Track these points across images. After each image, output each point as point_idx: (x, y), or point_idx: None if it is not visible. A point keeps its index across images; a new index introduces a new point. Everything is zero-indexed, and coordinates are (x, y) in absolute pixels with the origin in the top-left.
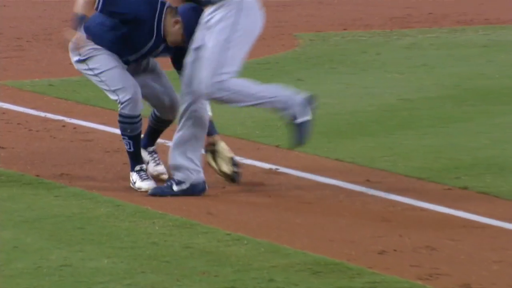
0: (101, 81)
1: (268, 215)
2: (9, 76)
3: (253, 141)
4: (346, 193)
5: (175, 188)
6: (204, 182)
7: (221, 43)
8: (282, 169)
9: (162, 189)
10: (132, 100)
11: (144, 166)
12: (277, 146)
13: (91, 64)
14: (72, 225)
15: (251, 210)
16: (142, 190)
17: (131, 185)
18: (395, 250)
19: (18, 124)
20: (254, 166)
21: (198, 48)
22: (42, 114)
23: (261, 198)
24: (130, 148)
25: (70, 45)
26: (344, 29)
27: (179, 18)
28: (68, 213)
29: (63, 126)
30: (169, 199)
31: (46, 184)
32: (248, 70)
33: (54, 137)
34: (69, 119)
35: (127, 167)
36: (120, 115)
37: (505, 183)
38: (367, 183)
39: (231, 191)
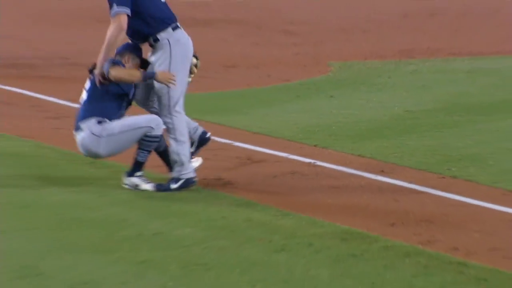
0: (132, 133)
1: (308, 197)
2: None
3: (297, 142)
4: (366, 181)
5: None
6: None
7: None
8: (319, 163)
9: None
10: (160, 122)
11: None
12: (315, 146)
13: (110, 133)
14: (163, 204)
15: (296, 192)
16: (149, 190)
17: (128, 186)
18: (402, 223)
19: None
20: (298, 161)
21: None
22: None
23: (303, 184)
24: (143, 159)
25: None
26: (365, 59)
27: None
28: (160, 195)
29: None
30: (230, 185)
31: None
32: (293, 90)
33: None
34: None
35: (204, 161)
36: (149, 137)
37: (484, 173)
38: (382, 173)
39: (281, 178)
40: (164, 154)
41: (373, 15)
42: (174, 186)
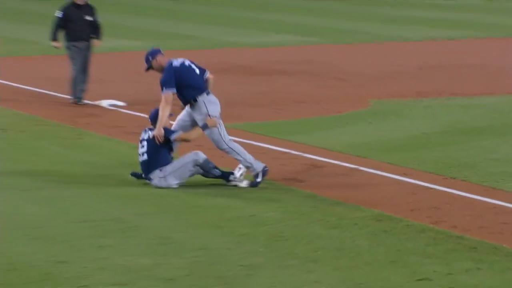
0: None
1: (353, 191)
2: (227, 121)
3: (346, 153)
4: (393, 180)
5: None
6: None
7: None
8: (361, 168)
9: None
10: (198, 152)
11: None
12: (358, 156)
13: (171, 174)
14: (255, 195)
15: (346, 188)
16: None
17: (236, 184)
18: (418, 209)
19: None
20: (347, 166)
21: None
22: (241, 139)
23: (350, 182)
24: (218, 173)
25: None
26: (393, 97)
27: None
28: (253, 189)
29: (250, 146)
30: (301, 183)
31: None
32: (344, 118)
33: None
34: (254, 142)
35: (283, 166)
36: (201, 162)
37: (474, 175)
38: (404, 175)
39: (335, 178)
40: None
41: (398, 67)
42: (258, 179)
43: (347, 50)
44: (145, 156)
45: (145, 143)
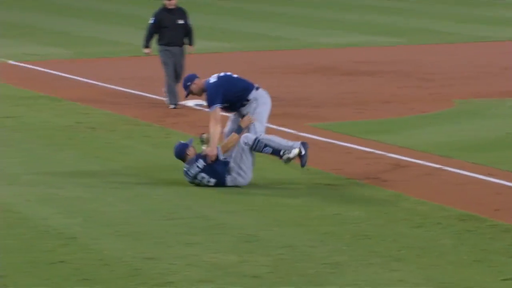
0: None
1: (437, 190)
2: (311, 121)
3: (430, 153)
4: (477, 180)
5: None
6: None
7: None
8: (445, 168)
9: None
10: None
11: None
12: (442, 156)
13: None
14: (338, 193)
15: (429, 187)
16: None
17: (288, 158)
18: (503, 209)
19: (314, 144)
20: (431, 166)
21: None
22: (326, 139)
23: (434, 182)
24: (269, 151)
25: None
26: (478, 97)
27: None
28: (337, 188)
29: (336, 145)
30: (385, 182)
31: (326, 174)
32: (429, 118)
33: (331, 151)
34: (338, 142)
35: (367, 166)
36: (252, 144)
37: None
38: (489, 175)
39: (420, 178)
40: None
41: (483, 68)
42: (300, 151)
43: (432, 50)
44: (213, 181)
45: (203, 174)
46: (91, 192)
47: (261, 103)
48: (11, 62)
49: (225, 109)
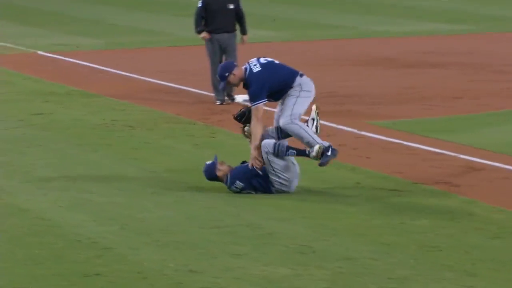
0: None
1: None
2: (371, 118)
3: (508, 155)
4: None
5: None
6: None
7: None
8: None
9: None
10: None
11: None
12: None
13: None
14: (406, 201)
15: (507, 194)
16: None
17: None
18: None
19: (376, 144)
20: (509, 169)
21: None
22: (389, 139)
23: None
24: (294, 154)
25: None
26: None
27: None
28: (402, 194)
29: (401, 146)
30: (456, 187)
31: (391, 178)
32: (506, 115)
33: (396, 152)
34: (404, 142)
35: (436, 169)
36: (273, 151)
37: None
38: None
39: (496, 182)
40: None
41: None
42: (328, 153)
43: (507, 40)
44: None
45: (247, 190)
46: (127, 197)
47: (305, 89)
48: (40, 52)
49: (269, 98)
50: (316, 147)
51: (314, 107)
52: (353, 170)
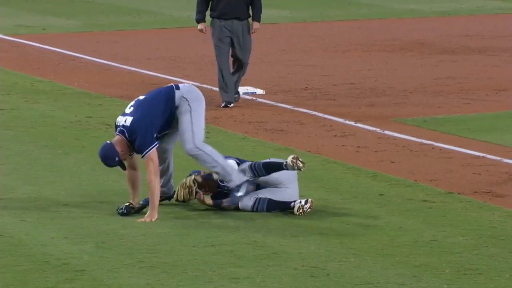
0: None
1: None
2: (398, 115)
3: None
4: None
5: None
6: None
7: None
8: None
9: None
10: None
11: None
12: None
13: None
14: (439, 214)
15: None
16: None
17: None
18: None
19: (403, 146)
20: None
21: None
22: (419, 140)
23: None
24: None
25: None
26: None
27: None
28: (435, 206)
29: (433, 148)
30: (500, 198)
31: (421, 186)
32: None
33: (427, 155)
34: (436, 143)
35: (476, 176)
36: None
37: None
38: None
39: None
40: None
41: None
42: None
43: None
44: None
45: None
46: (105, 209)
47: (191, 99)
48: (1, 36)
49: (161, 136)
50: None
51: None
52: (375, 177)
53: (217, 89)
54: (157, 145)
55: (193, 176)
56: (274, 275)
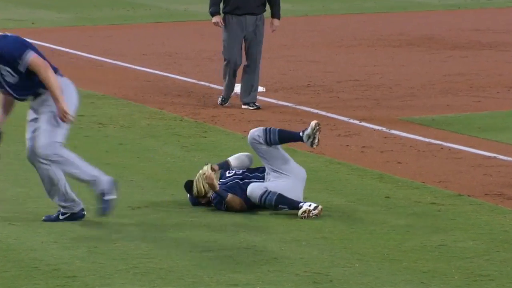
0: None
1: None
2: (405, 114)
3: None
4: None
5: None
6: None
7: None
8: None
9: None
10: None
11: None
12: None
13: None
14: (448, 217)
15: None
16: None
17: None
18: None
19: (410, 146)
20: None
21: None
22: (427, 140)
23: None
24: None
25: None
26: None
27: None
28: (443, 209)
29: (441, 148)
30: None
31: (429, 188)
32: None
33: (435, 156)
34: (446, 143)
35: (486, 177)
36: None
37: None
38: None
39: None
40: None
41: None
42: (108, 197)
43: None
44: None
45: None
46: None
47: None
48: None
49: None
50: (110, 188)
51: (313, 123)
52: (381, 178)
53: (214, 86)
54: (33, 51)
55: (209, 164)
56: (275, 282)
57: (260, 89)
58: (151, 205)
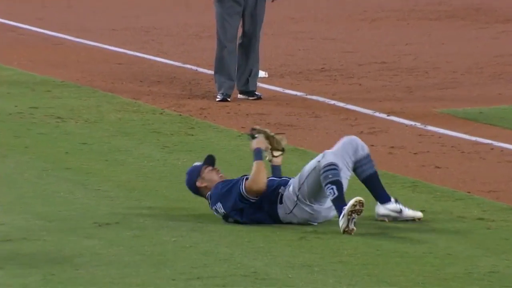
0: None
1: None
2: (445, 105)
3: None
4: None
5: None
6: None
7: None
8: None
9: None
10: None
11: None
12: None
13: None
14: (499, 236)
15: None
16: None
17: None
18: None
19: (452, 147)
20: None
21: None
22: (473, 138)
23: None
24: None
25: None
26: None
27: None
28: (494, 225)
29: (491, 149)
30: None
31: (475, 199)
32: None
33: (484, 158)
34: (497, 143)
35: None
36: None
37: None
38: None
39: None
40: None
41: None
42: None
43: None
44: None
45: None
46: (56, 230)
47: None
48: None
49: None
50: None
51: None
52: (414, 187)
53: (203, 70)
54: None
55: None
56: None
57: (261, 74)
58: (123, 220)
